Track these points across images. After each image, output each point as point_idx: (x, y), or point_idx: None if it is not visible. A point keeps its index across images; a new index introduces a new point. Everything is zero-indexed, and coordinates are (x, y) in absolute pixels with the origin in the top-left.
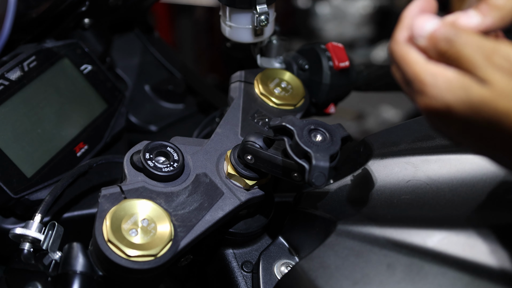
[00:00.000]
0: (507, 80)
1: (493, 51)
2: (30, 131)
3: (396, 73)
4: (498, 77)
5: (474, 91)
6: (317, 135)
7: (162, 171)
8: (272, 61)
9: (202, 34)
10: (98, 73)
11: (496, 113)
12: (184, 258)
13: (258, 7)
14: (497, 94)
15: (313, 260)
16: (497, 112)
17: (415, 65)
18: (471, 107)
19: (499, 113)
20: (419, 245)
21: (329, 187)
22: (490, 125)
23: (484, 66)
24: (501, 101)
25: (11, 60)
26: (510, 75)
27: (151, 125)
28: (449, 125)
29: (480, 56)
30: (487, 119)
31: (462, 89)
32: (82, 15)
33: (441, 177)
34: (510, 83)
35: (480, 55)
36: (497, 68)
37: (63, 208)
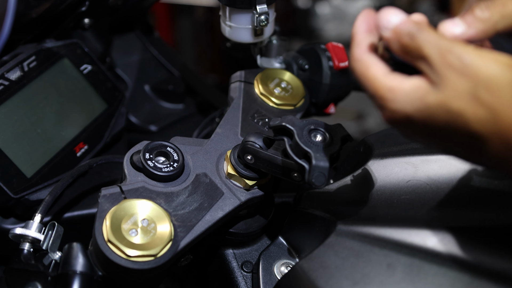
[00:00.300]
0: (458, 80)
1: (448, 50)
2: (30, 131)
3: (364, 89)
4: (450, 76)
5: (430, 97)
6: (317, 135)
7: (162, 171)
8: (272, 61)
9: (202, 34)
10: (98, 73)
11: (450, 115)
12: (184, 258)
13: (258, 7)
14: (449, 95)
15: (313, 260)
16: (451, 114)
17: (374, 82)
18: (429, 114)
19: (454, 114)
20: (419, 245)
21: (329, 187)
22: (448, 126)
23: (438, 63)
24: (454, 102)
25: (11, 60)
26: (461, 75)
27: (151, 125)
28: (413, 132)
29: (436, 54)
30: (444, 122)
31: (419, 99)
32: (82, 15)
33: (441, 177)
34: (461, 83)
35: (436, 52)
36: (449, 66)
37: (63, 208)
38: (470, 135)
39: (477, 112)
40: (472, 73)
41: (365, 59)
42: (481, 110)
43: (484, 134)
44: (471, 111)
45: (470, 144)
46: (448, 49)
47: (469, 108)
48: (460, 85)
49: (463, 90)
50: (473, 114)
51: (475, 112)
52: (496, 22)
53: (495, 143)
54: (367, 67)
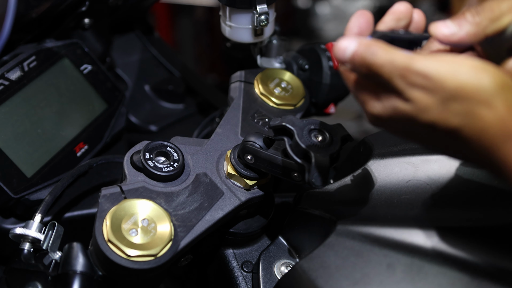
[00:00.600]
0: (424, 96)
1: (407, 70)
2: (30, 131)
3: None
4: (417, 94)
5: (401, 108)
6: (317, 135)
7: (162, 171)
8: (272, 61)
9: (202, 34)
10: (98, 73)
11: (422, 126)
12: (184, 258)
13: (258, 7)
14: (419, 110)
15: (313, 260)
16: (423, 125)
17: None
18: (403, 121)
19: (425, 125)
20: (419, 245)
21: (329, 187)
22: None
23: (402, 86)
24: (423, 116)
25: (11, 60)
26: (426, 91)
27: (151, 125)
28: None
29: (397, 77)
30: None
31: (391, 108)
32: (82, 15)
33: (441, 177)
34: (428, 98)
35: (397, 75)
36: (413, 85)
37: (63, 208)
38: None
39: (451, 120)
40: (437, 86)
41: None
42: (455, 118)
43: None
44: (443, 121)
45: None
46: (406, 69)
47: (443, 118)
48: (428, 100)
49: (432, 104)
50: (446, 123)
51: (448, 121)
52: (486, 26)
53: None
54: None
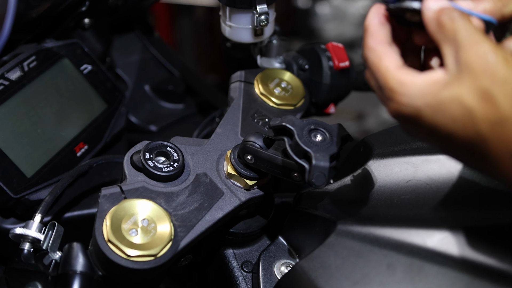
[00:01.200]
0: (477, 74)
1: (478, 42)
2: (30, 131)
3: (370, 78)
4: (472, 68)
5: (444, 91)
6: (317, 135)
7: (162, 171)
8: (272, 61)
9: (202, 34)
10: (98, 73)
11: (461, 111)
12: (184, 258)
13: (258, 7)
14: (465, 89)
15: (313, 260)
16: (462, 109)
17: (385, 73)
18: (439, 109)
19: (464, 111)
20: (419, 245)
21: (329, 187)
22: (455, 124)
23: (466, 51)
24: (468, 98)
25: (11, 60)
26: (482, 71)
27: (151, 125)
28: (417, 129)
29: (468, 41)
30: (452, 119)
31: (431, 93)
32: (82, 15)
33: (441, 177)
34: (480, 79)
35: (468, 40)
36: (474, 57)
37: (63, 208)
38: (475, 135)
39: (488, 112)
40: (492, 72)
41: (379, 50)
42: (492, 111)
43: (489, 137)
44: (482, 110)
45: (473, 146)
46: (479, 41)
47: (481, 106)
48: (478, 81)
49: (480, 87)
50: (483, 114)
51: (485, 112)
52: (504, 5)
53: (497, 148)
54: (380, 58)
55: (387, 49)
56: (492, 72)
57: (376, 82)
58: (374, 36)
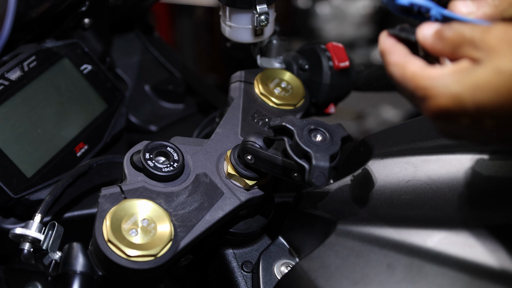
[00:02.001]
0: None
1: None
2: (30, 131)
3: (402, 92)
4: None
5: (477, 71)
6: (317, 135)
7: (162, 171)
8: (272, 61)
9: (202, 34)
10: (98, 73)
11: (504, 78)
12: (184, 258)
13: (258, 7)
14: (499, 61)
15: (313, 260)
16: (504, 76)
17: (414, 76)
18: (479, 87)
19: (507, 75)
20: (419, 245)
21: (329, 187)
22: (502, 95)
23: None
24: (505, 64)
25: (11, 60)
26: (507, 42)
27: (151, 125)
28: (459, 120)
29: (478, 33)
30: (497, 91)
31: (466, 76)
32: (82, 15)
33: (441, 177)
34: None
35: (478, 32)
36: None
37: (63, 208)
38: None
39: None
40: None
41: (400, 61)
42: None
43: None
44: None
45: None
46: (488, 27)
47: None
48: (508, 50)
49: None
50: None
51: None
52: (504, 10)
53: None
54: (404, 67)
55: (408, 58)
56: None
57: (408, 92)
58: (392, 52)
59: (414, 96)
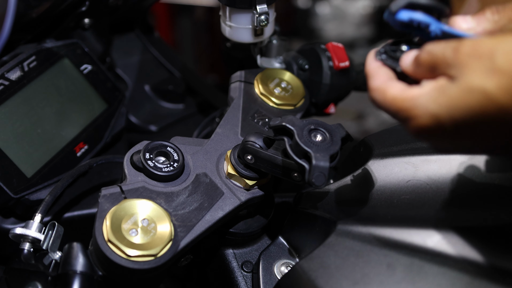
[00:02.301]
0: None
1: (459, 44)
2: (30, 131)
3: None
4: (466, 62)
5: (452, 89)
6: (317, 135)
7: (162, 171)
8: (272, 61)
9: (202, 34)
10: (98, 73)
11: (475, 96)
12: (184, 258)
13: (258, 7)
14: (469, 78)
15: (313, 260)
16: (476, 94)
17: (394, 99)
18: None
19: (478, 94)
20: (419, 245)
21: (329, 187)
22: (476, 111)
23: (453, 57)
24: (475, 82)
25: (11, 60)
26: (476, 57)
27: (151, 125)
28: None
29: (450, 51)
30: (471, 108)
31: (441, 94)
32: (82, 15)
33: (441, 177)
34: (478, 63)
35: (450, 50)
36: (464, 55)
37: (63, 208)
38: (500, 112)
39: (500, 83)
40: (487, 51)
41: (381, 87)
42: (503, 80)
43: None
44: (493, 84)
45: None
46: (459, 43)
47: (491, 82)
48: (478, 65)
49: (482, 68)
50: (496, 87)
51: (497, 84)
52: (504, 25)
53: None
54: (385, 92)
55: (388, 83)
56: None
57: (394, 114)
58: (375, 77)
59: (396, 117)
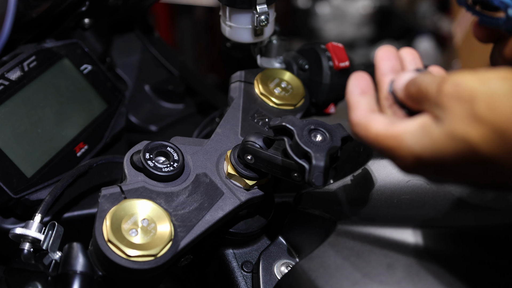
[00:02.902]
0: (456, 105)
1: (442, 81)
2: (30, 131)
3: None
4: (448, 103)
5: (435, 131)
6: (317, 135)
7: (162, 171)
8: (272, 61)
9: (202, 34)
10: (98, 73)
11: (457, 143)
12: (184, 258)
13: (258, 7)
14: (452, 122)
15: (313, 260)
16: (458, 141)
17: (377, 137)
18: (436, 148)
19: (460, 141)
20: (419, 245)
21: (329, 187)
22: (458, 157)
23: (436, 95)
24: (457, 128)
25: (11, 60)
26: (458, 100)
27: (151, 125)
28: (429, 173)
29: (433, 87)
30: (453, 153)
31: (425, 135)
32: (82, 15)
33: None
34: (459, 107)
35: (434, 86)
36: (446, 95)
37: (63, 208)
38: (482, 160)
39: (481, 132)
40: (468, 95)
41: (362, 121)
42: (485, 130)
43: (496, 155)
44: (475, 133)
45: (487, 170)
46: (442, 80)
47: (473, 130)
48: (459, 109)
49: (463, 113)
50: (478, 136)
51: (479, 134)
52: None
53: (509, 162)
54: (367, 127)
55: (370, 117)
56: (468, 95)
57: (378, 151)
58: (356, 109)
59: (382, 154)
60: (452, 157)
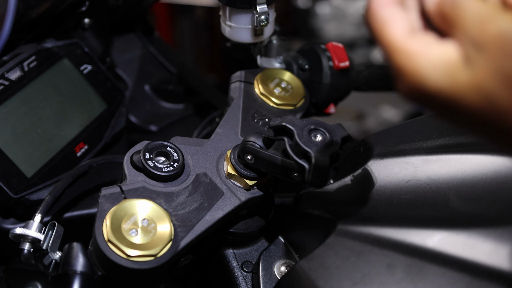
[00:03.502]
0: (496, 56)
1: (490, 20)
2: (30, 131)
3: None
4: (488, 50)
5: (461, 75)
6: (317, 135)
7: (162, 171)
8: (272, 61)
9: (202, 34)
10: (98, 73)
11: (483, 99)
12: (184, 258)
13: (258, 7)
14: (484, 75)
15: (313, 260)
16: (484, 98)
17: (389, 45)
18: (457, 93)
19: (487, 99)
20: (419, 245)
21: (329, 187)
22: (478, 112)
23: (475, 35)
24: (488, 84)
25: (11, 60)
26: (501, 51)
27: (151, 125)
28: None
29: (475, 23)
30: (473, 106)
31: (448, 74)
32: (82, 15)
33: (441, 177)
34: (499, 60)
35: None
36: (489, 39)
37: (63, 208)
38: (505, 125)
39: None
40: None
41: (382, 14)
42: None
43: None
44: (508, 98)
45: (504, 134)
46: (490, 18)
47: (507, 94)
48: (498, 63)
49: (501, 69)
50: (507, 100)
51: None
52: None
53: None
54: (384, 24)
55: (392, 13)
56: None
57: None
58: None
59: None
60: (470, 110)
